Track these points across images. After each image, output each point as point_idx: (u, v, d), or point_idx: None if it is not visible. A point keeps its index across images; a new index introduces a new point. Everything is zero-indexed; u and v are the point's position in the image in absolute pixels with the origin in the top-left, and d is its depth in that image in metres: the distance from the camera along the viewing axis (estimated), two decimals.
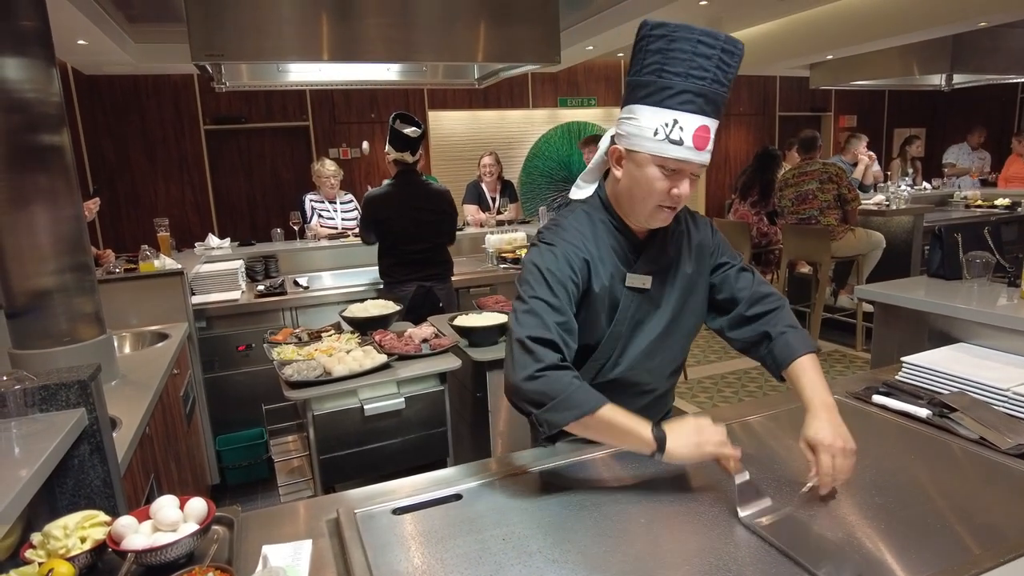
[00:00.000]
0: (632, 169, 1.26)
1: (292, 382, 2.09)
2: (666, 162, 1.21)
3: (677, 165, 1.21)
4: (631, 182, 1.27)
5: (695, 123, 1.18)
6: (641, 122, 1.21)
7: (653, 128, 1.19)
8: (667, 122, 1.18)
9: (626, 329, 1.35)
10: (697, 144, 1.19)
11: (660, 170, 1.22)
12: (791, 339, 1.34)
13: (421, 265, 3.38)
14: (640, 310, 1.36)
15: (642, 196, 1.26)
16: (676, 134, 1.18)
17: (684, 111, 1.18)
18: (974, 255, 2.29)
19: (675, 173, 1.22)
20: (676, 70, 1.18)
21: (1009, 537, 1.06)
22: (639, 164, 1.24)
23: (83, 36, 4.06)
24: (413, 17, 3.23)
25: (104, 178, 5.92)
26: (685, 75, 1.18)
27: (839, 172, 4.81)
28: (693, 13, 4.65)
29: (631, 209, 1.31)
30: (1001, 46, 5.71)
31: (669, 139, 1.18)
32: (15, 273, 1.86)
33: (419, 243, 3.35)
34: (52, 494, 1.31)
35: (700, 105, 1.18)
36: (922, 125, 9.28)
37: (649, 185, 1.23)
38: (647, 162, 1.22)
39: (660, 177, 1.22)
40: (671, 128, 1.18)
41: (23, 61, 1.81)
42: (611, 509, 1.19)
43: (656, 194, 1.24)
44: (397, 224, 3.30)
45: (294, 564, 1.05)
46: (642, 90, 1.22)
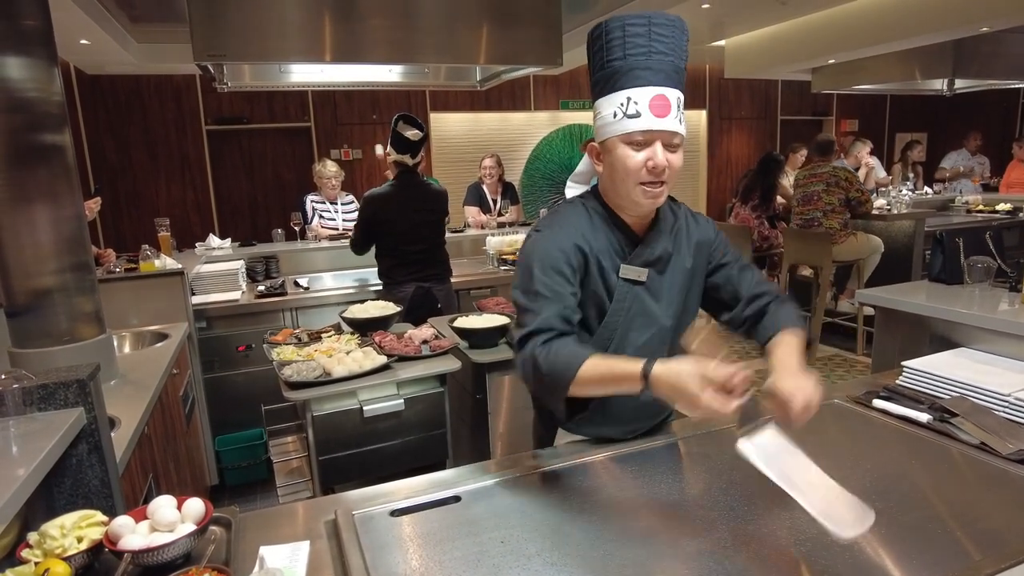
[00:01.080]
0: (608, 157, 1.31)
1: (292, 383, 2.09)
2: (631, 136, 1.25)
3: (643, 136, 1.25)
4: (611, 169, 1.31)
5: (647, 94, 1.23)
6: (603, 112, 1.29)
7: (612, 112, 1.26)
8: (622, 102, 1.25)
9: (623, 320, 1.36)
10: (656, 112, 1.23)
11: (630, 147, 1.26)
12: (780, 315, 1.38)
13: (420, 265, 3.37)
14: (638, 302, 1.36)
15: (623, 178, 1.29)
16: (632, 109, 1.24)
17: (633, 87, 1.24)
18: (975, 260, 2.29)
19: (645, 145, 1.25)
20: (616, 55, 1.25)
21: (1010, 543, 1.05)
22: (611, 149, 1.29)
23: (85, 36, 4.06)
24: (415, 19, 3.23)
25: (105, 178, 5.92)
26: (623, 56, 1.25)
27: (849, 176, 4.81)
28: (695, 16, 4.65)
29: (621, 197, 1.33)
30: (1003, 52, 5.70)
31: (627, 115, 1.24)
32: (15, 272, 1.86)
33: (418, 243, 3.34)
34: (50, 493, 1.31)
35: (647, 77, 1.24)
36: (923, 130, 9.28)
37: (624, 164, 1.27)
38: (616, 144, 1.27)
39: (631, 154, 1.26)
40: (626, 105, 1.24)
41: (25, 60, 1.81)
42: (610, 513, 1.19)
43: (633, 171, 1.26)
44: (397, 225, 3.29)
45: (291, 565, 1.05)
46: (596, 87, 1.31)
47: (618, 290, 1.35)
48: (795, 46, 5.76)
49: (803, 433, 1.53)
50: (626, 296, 1.35)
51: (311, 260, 4.33)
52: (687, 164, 8.27)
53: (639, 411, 1.46)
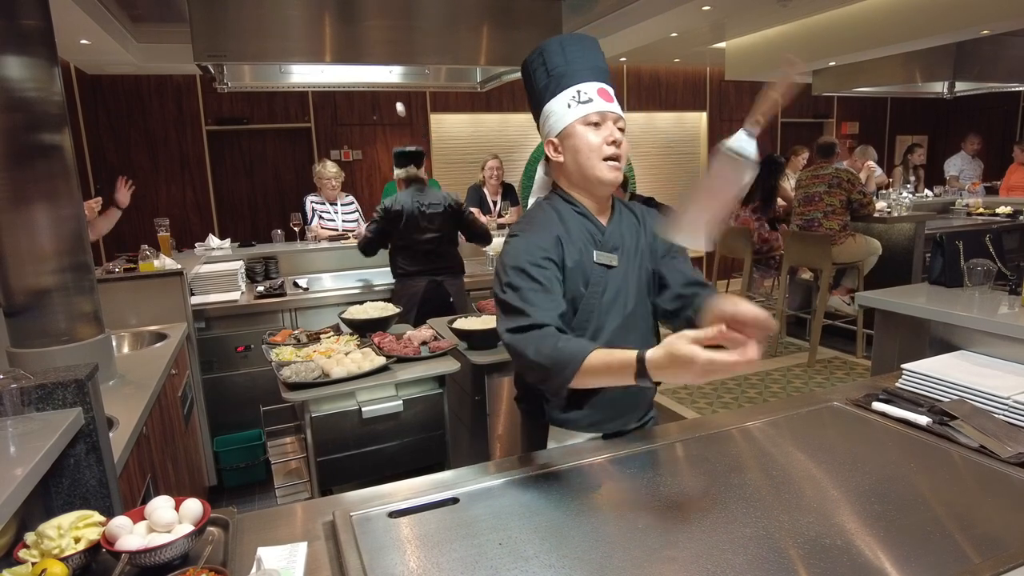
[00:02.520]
0: (569, 142, 1.43)
1: (290, 384, 2.08)
2: (588, 118, 1.40)
3: (598, 117, 1.40)
4: (573, 153, 1.43)
5: (593, 87, 1.41)
6: (556, 108, 1.43)
7: (565, 104, 1.41)
8: (573, 95, 1.41)
9: (599, 305, 1.44)
10: (604, 97, 1.41)
11: (588, 127, 1.41)
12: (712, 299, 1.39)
13: (431, 257, 3.45)
14: (611, 287, 1.45)
15: (586, 156, 1.41)
16: (584, 96, 1.41)
17: (581, 81, 1.41)
18: (975, 263, 2.28)
19: (600, 125, 1.41)
20: (557, 61, 1.43)
21: (1009, 546, 1.05)
22: (570, 135, 1.42)
23: (86, 36, 4.06)
24: (416, 20, 3.24)
25: (105, 178, 5.92)
26: (566, 60, 1.43)
27: (851, 179, 4.82)
28: (696, 19, 4.65)
29: (586, 178, 1.44)
30: (1003, 55, 5.71)
31: (580, 102, 1.40)
32: (14, 272, 1.86)
33: (427, 231, 3.41)
34: (47, 494, 1.31)
35: (589, 74, 1.42)
36: (924, 133, 9.28)
37: (587, 142, 1.40)
38: (575, 128, 1.41)
39: (591, 132, 1.41)
40: (579, 96, 1.41)
41: (25, 60, 1.81)
42: (608, 514, 1.19)
43: (596, 147, 1.40)
44: (406, 216, 3.38)
45: (289, 566, 1.04)
46: (544, 95, 1.46)
47: (593, 275, 1.44)
48: (796, 48, 5.76)
49: (804, 435, 1.53)
50: (600, 280, 1.44)
51: (310, 261, 4.33)
52: (687, 165, 8.27)
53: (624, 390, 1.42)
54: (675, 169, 8.20)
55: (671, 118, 7.95)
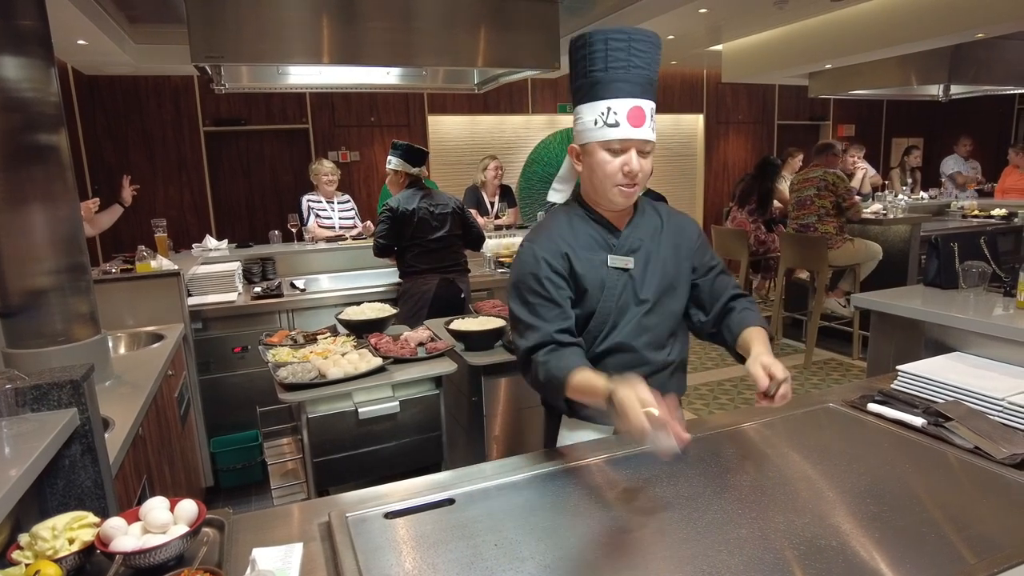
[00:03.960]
0: (588, 160, 1.43)
1: (287, 384, 2.08)
2: (609, 144, 1.38)
3: (620, 144, 1.38)
4: (590, 171, 1.44)
5: (626, 105, 1.36)
6: (584, 118, 1.41)
7: (592, 119, 1.39)
8: (602, 111, 1.37)
9: (615, 306, 1.47)
10: (632, 122, 1.36)
11: (607, 153, 1.39)
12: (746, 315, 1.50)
13: (441, 255, 3.47)
14: (626, 290, 1.48)
15: (600, 179, 1.42)
16: (612, 118, 1.36)
17: (613, 97, 1.36)
18: (970, 265, 2.29)
19: (621, 152, 1.38)
20: (598, 67, 1.37)
21: (1004, 547, 1.05)
22: (590, 153, 1.42)
23: (83, 36, 4.06)
24: (414, 21, 3.24)
25: (103, 178, 5.92)
26: (605, 68, 1.36)
27: (836, 180, 4.83)
28: (693, 21, 4.67)
29: (599, 195, 1.46)
30: (998, 57, 5.73)
31: (607, 124, 1.37)
32: (10, 272, 1.85)
33: (436, 230, 3.43)
34: (42, 495, 1.30)
35: (626, 89, 1.36)
36: (920, 135, 9.31)
37: (603, 168, 1.40)
38: (596, 149, 1.40)
39: (609, 159, 1.39)
40: (607, 115, 1.36)
41: (22, 60, 1.81)
42: (604, 515, 1.19)
43: (611, 174, 1.39)
44: (415, 214, 3.39)
45: (284, 567, 1.04)
46: (578, 93, 1.42)
47: (608, 278, 1.46)
48: (792, 51, 5.78)
49: (800, 436, 1.53)
50: (616, 283, 1.47)
51: (308, 262, 4.32)
52: (684, 168, 8.29)
53: None
54: (672, 171, 8.21)
55: (668, 120, 7.97)
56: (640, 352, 1.49)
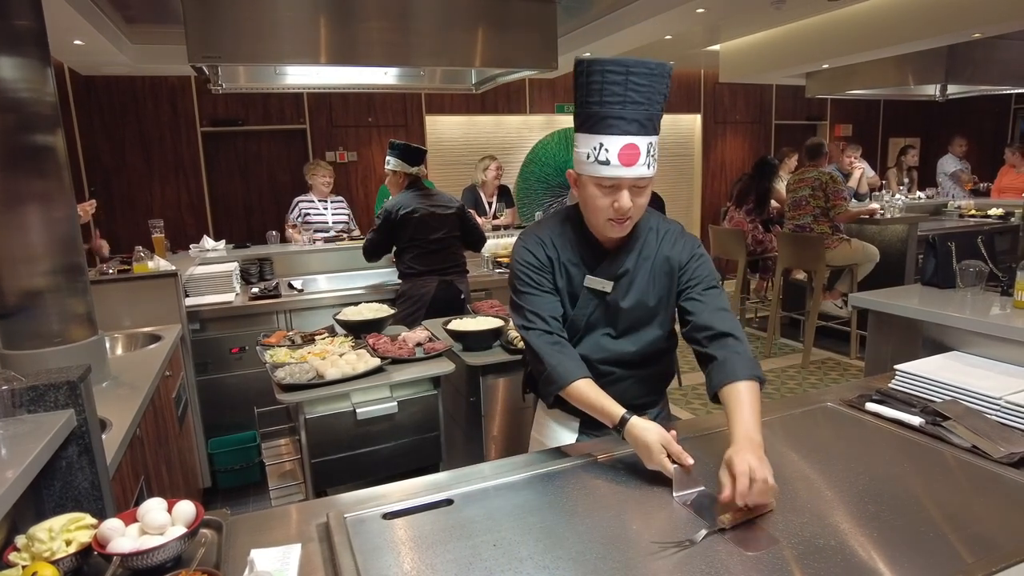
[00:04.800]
0: (582, 191, 1.42)
1: (284, 385, 2.08)
2: (600, 180, 1.35)
3: (611, 182, 1.35)
4: (583, 202, 1.44)
5: (618, 143, 1.32)
6: (580, 148, 1.38)
7: (586, 153, 1.36)
8: (595, 146, 1.34)
9: (585, 323, 1.50)
10: (624, 161, 1.32)
11: (598, 188, 1.37)
12: (733, 363, 1.34)
13: (440, 256, 3.44)
14: (599, 309, 1.50)
15: (591, 211, 1.41)
16: (603, 155, 1.33)
17: (606, 134, 1.32)
18: (967, 264, 2.29)
19: (613, 189, 1.35)
20: (593, 99, 1.33)
21: (1001, 546, 1.06)
22: (583, 185, 1.40)
23: (80, 36, 4.04)
24: (411, 21, 3.24)
25: (100, 179, 5.90)
26: (600, 103, 1.32)
27: (828, 181, 4.84)
28: (691, 21, 4.66)
29: (590, 221, 1.46)
30: (995, 57, 5.74)
31: (598, 160, 1.33)
32: (6, 273, 1.85)
33: (436, 231, 3.41)
34: (39, 496, 1.30)
35: (620, 127, 1.32)
36: (916, 135, 9.32)
37: (593, 203, 1.39)
38: (588, 182, 1.38)
39: (600, 195, 1.37)
40: (599, 151, 1.33)
41: (17, 60, 1.80)
42: (602, 516, 1.19)
43: (601, 209, 1.38)
44: (414, 216, 3.36)
45: (282, 568, 1.04)
46: (577, 119, 1.39)
47: (582, 297, 1.49)
48: (789, 51, 5.78)
49: (798, 436, 1.54)
50: (588, 303, 1.49)
51: (305, 262, 4.32)
52: (682, 168, 8.29)
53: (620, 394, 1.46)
54: (670, 171, 8.21)
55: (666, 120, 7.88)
56: (597, 367, 1.50)
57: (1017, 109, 8.60)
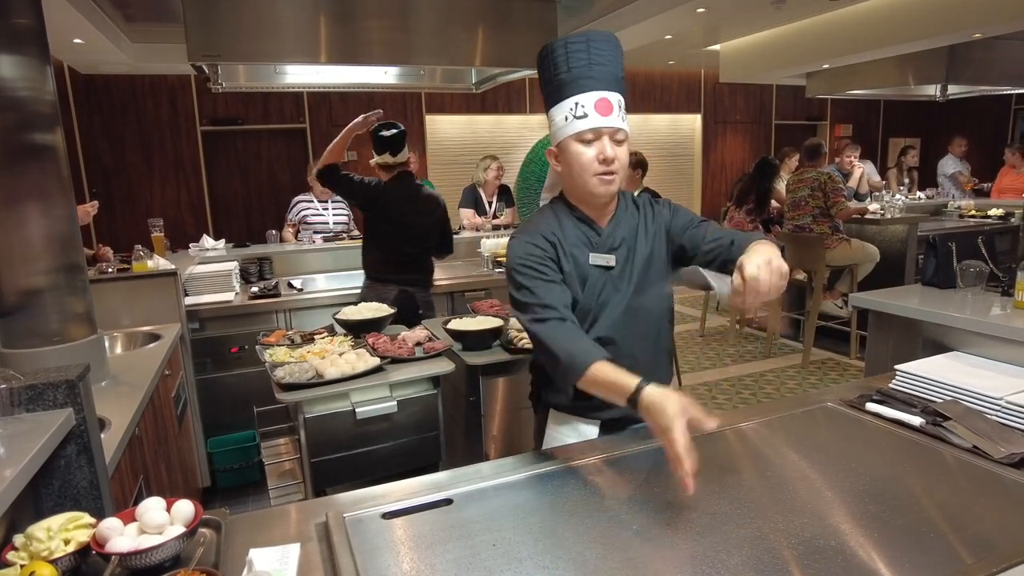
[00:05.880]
0: (565, 157, 1.46)
1: (284, 384, 2.07)
2: (582, 135, 1.41)
3: (592, 134, 1.41)
4: (568, 167, 1.46)
5: (592, 98, 1.40)
6: (556, 119, 1.46)
7: (563, 116, 1.43)
8: (571, 107, 1.41)
9: (595, 303, 1.50)
10: (600, 111, 1.40)
11: (580, 144, 1.42)
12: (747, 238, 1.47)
13: (404, 267, 3.27)
14: (606, 288, 1.51)
15: (579, 172, 1.44)
16: (580, 111, 1.40)
17: (578, 92, 1.41)
18: (968, 264, 2.29)
19: (594, 140, 1.41)
20: (561, 69, 1.43)
21: (1002, 547, 1.05)
22: (566, 148, 1.45)
23: (79, 35, 4.04)
24: (411, 20, 3.23)
25: (99, 178, 5.90)
26: (567, 68, 1.42)
27: (827, 181, 4.84)
28: (691, 21, 4.67)
29: (580, 190, 1.48)
30: (995, 57, 5.74)
31: (576, 117, 1.41)
32: (5, 272, 1.85)
33: (407, 246, 3.26)
34: (37, 495, 1.30)
35: (590, 84, 1.40)
36: (916, 135, 9.33)
37: (579, 160, 1.43)
38: (569, 143, 1.43)
39: (583, 150, 1.42)
40: (575, 109, 1.41)
41: (17, 59, 1.80)
42: (602, 515, 1.18)
43: (587, 164, 1.42)
44: (387, 222, 3.20)
45: (281, 568, 1.04)
46: (549, 98, 1.47)
47: (590, 276, 1.50)
48: (790, 51, 5.79)
49: (798, 436, 1.53)
50: (597, 281, 1.50)
51: (305, 262, 4.31)
52: (682, 167, 8.29)
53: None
54: (670, 171, 8.22)
55: (666, 120, 7.97)
56: (621, 345, 1.50)
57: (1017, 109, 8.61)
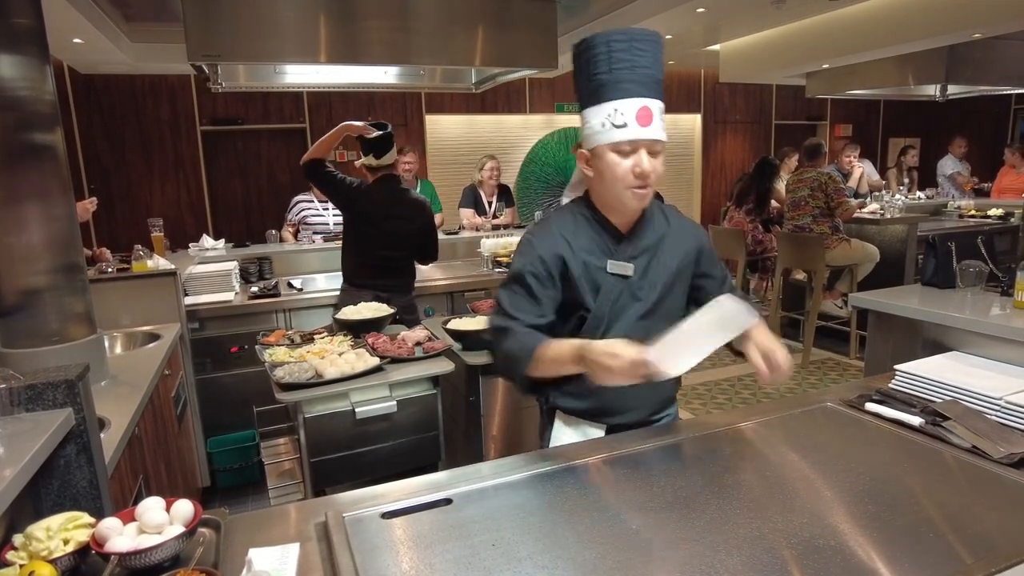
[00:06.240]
0: (597, 163, 1.40)
1: (284, 384, 2.07)
2: (618, 146, 1.35)
3: (630, 145, 1.35)
4: (600, 175, 1.41)
5: (633, 106, 1.33)
6: (591, 122, 1.38)
7: (599, 122, 1.36)
8: (609, 112, 1.34)
9: (609, 310, 1.46)
10: (641, 122, 1.34)
11: (616, 155, 1.36)
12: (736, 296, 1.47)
13: (381, 272, 3.15)
14: (623, 295, 1.47)
15: (611, 182, 1.39)
16: (619, 119, 1.34)
17: (619, 98, 1.34)
18: (967, 264, 2.29)
19: (631, 153, 1.36)
20: (601, 69, 1.35)
21: (1001, 546, 1.05)
22: (599, 156, 1.39)
23: (79, 35, 4.04)
24: (411, 20, 3.23)
25: (99, 178, 5.90)
26: (609, 70, 1.34)
27: (827, 181, 4.84)
28: (690, 21, 4.66)
29: (610, 200, 1.43)
30: (995, 57, 5.74)
31: (614, 125, 1.34)
32: (5, 271, 1.85)
33: (384, 250, 3.13)
34: (36, 495, 1.30)
35: (631, 89, 1.34)
36: (916, 135, 9.32)
37: (613, 171, 1.37)
38: (604, 152, 1.37)
39: (619, 161, 1.36)
40: (613, 116, 1.34)
41: (16, 59, 1.80)
42: (601, 515, 1.18)
43: (622, 176, 1.37)
44: (366, 224, 3.11)
45: (280, 568, 1.04)
46: (584, 97, 1.40)
47: (605, 283, 1.45)
48: (789, 51, 5.78)
49: (797, 436, 1.53)
50: (612, 288, 1.46)
51: (305, 261, 4.31)
52: (682, 167, 8.29)
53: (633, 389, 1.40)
54: (670, 171, 8.21)
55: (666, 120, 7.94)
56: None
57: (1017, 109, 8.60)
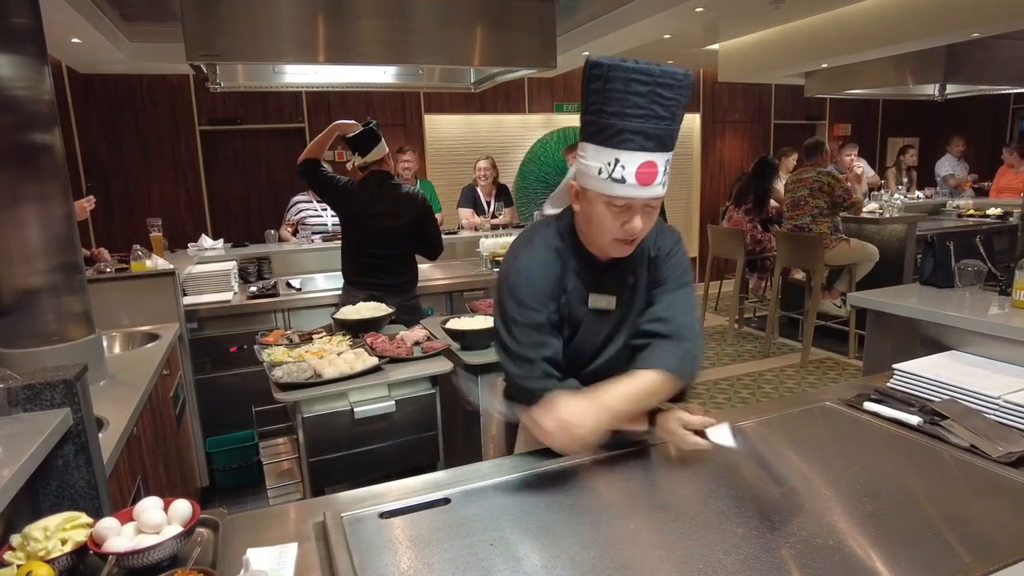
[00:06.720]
0: (586, 205, 1.28)
1: (282, 384, 2.07)
2: (612, 200, 1.22)
3: (623, 202, 1.22)
4: (587, 218, 1.29)
5: (636, 160, 1.18)
6: (589, 160, 1.23)
7: (597, 167, 1.21)
8: (609, 161, 1.19)
9: (595, 344, 1.40)
10: (641, 180, 1.19)
11: (609, 207, 1.23)
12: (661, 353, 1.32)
13: (376, 271, 3.14)
14: (606, 328, 1.39)
15: (597, 231, 1.28)
16: (618, 172, 1.19)
17: (624, 149, 1.18)
18: (966, 263, 2.29)
19: (625, 209, 1.23)
20: (612, 109, 1.17)
21: (999, 545, 1.05)
22: (591, 201, 1.26)
23: (77, 34, 4.03)
24: (410, 20, 3.23)
25: (97, 177, 5.89)
26: (620, 114, 1.17)
27: (831, 182, 4.84)
28: (689, 21, 4.66)
29: (592, 240, 1.33)
30: (994, 57, 5.74)
31: (612, 178, 1.19)
32: (3, 272, 1.84)
33: (375, 248, 3.12)
34: (35, 495, 1.30)
35: (640, 142, 1.18)
36: (915, 134, 9.32)
37: (601, 222, 1.26)
38: (596, 199, 1.24)
39: (609, 215, 1.24)
40: (613, 167, 1.19)
41: (14, 58, 1.80)
42: (600, 515, 1.18)
43: (608, 229, 1.26)
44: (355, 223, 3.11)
45: (278, 567, 1.04)
46: (588, 128, 1.23)
47: (587, 317, 1.37)
48: (789, 50, 5.78)
49: (796, 435, 1.53)
50: (594, 323, 1.38)
51: (303, 261, 4.31)
52: (680, 167, 8.28)
53: None
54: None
55: None
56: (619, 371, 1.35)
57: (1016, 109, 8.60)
